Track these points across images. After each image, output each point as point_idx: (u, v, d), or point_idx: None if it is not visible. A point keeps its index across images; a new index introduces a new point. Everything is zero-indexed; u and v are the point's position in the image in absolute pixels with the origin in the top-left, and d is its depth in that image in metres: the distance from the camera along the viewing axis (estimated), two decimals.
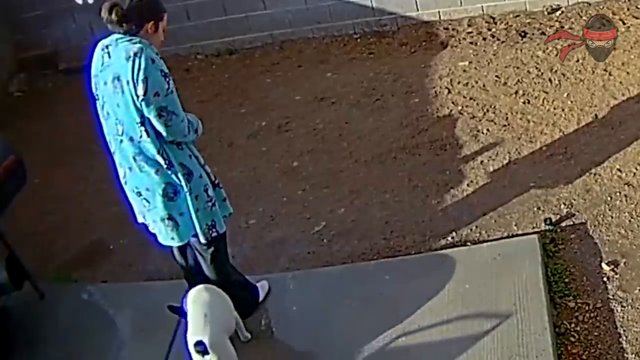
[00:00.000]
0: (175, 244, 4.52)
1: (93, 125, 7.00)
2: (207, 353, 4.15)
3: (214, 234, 4.50)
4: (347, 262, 5.18)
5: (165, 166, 4.29)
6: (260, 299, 4.93)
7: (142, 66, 4.12)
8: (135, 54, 4.13)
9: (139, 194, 4.41)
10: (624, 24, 6.58)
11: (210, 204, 4.43)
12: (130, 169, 4.37)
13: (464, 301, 4.60)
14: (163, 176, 4.32)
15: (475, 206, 5.33)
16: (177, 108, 4.23)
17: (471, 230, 5.17)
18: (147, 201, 4.40)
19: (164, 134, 4.24)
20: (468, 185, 5.52)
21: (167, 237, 4.48)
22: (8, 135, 5.89)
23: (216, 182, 4.55)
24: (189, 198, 4.35)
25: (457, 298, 4.63)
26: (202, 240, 4.48)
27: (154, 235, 4.57)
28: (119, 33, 4.23)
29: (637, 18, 6.61)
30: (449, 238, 5.16)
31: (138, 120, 4.21)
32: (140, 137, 4.25)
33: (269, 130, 6.55)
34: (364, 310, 4.73)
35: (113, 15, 4.16)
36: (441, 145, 5.92)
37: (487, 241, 5.05)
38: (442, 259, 4.94)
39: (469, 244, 5.07)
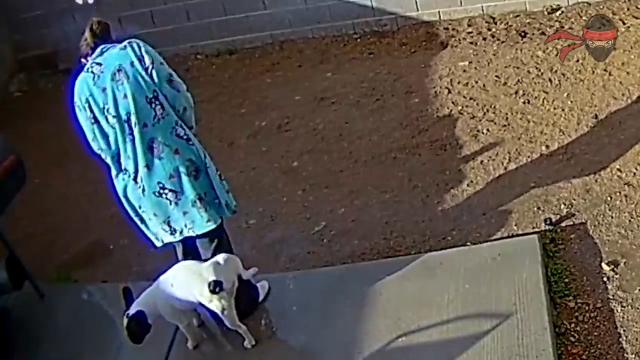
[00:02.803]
0: (212, 226, 4.52)
1: None
2: (222, 290, 4.37)
3: (235, 209, 4.61)
4: (347, 262, 5.18)
5: (185, 139, 4.40)
6: (260, 299, 4.94)
7: (141, 44, 4.34)
8: (129, 42, 4.36)
9: (163, 188, 4.41)
10: (624, 24, 6.58)
11: (223, 181, 4.58)
12: (147, 166, 4.38)
13: (464, 301, 4.60)
14: (184, 152, 4.39)
15: (475, 206, 5.34)
16: (179, 77, 4.42)
17: (471, 230, 5.17)
18: (174, 192, 4.42)
19: (179, 99, 4.39)
20: (468, 185, 5.52)
21: (202, 222, 4.49)
22: (8, 135, 5.89)
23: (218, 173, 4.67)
24: (210, 173, 4.46)
25: (457, 298, 4.63)
26: (228, 214, 4.57)
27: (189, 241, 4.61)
28: (100, 45, 4.45)
29: (637, 18, 6.61)
30: (449, 238, 5.16)
31: (150, 95, 4.31)
32: (155, 116, 4.32)
33: (269, 130, 6.55)
34: (364, 310, 4.73)
35: (98, 31, 4.48)
36: (441, 145, 5.92)
37: (487, 241, 5.05)
38: (442, 259, 4.94)
39: (469, 244, 5.07)
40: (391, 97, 6.55)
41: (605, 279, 4.66)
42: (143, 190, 4.43)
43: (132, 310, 4.46)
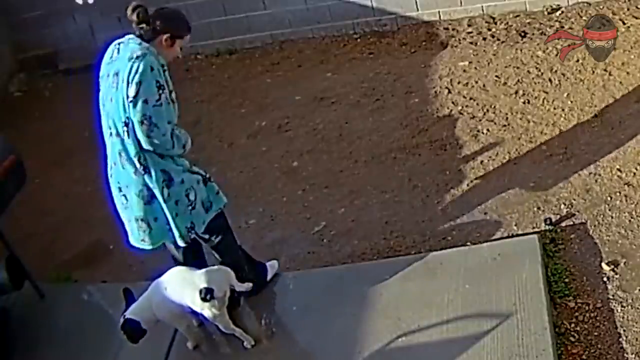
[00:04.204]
0: (145, 247, 4.55)
1: (93, 125, 7.04)
2: (213, 299, 4.38)
3: (192, 236, 4.55)
4: (347, 262, 5.18)
5: (141, 171, 4.34)
6: (268, 278, 4.99)
7: (140, 70, 4.18)
8: (137, 57, 4.22)
9: (120, 189, 4.48)
10: (624, 24, 6.58)
11: (190, 207, 4.46)
12: (115, 163, 4.43)
13: (464, 301, 4.60)
14: (140, 179, 4.37)
15: (475, 206, 5.34)
16: (161, 121, 4.24)
17: (471, 230, 5.17)
18: (125, 198, 4.47)
19: (142, 142, 4.27)
20: (468, 185, 5.52)
21: (137, 238, 4.53)
22: (8, 135, 5.89)
23: (207, 176, 4.58)
24: (165, 206, 4.39)
25: (457, 298, 4.63)
26: (181, 243, 4.53)
27: (126, 234, 4.61)
28: (135, 34, 4.32)
29: (637, 18, 6.60)
30: (449, 238, 5.16)
31: (124, 119, 4.26)
32: (125, 135, 4.30)
33: (269, 130, 6.55)
34: (364, 310, 4.73)
35: (134, 16, 4.27)
36: (441, 145, 5.92)
37: (487, 241, 5.05)
38: (442, 259, 4.94)
39: (469, 244, 5.07)
40: (391, 97, 6.55)
41: (605, 279, 4.66)
42: (111, 176, 4.52)
43: (128, 315, 4.49)
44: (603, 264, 4.74)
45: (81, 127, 7.07)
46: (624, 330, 4.36)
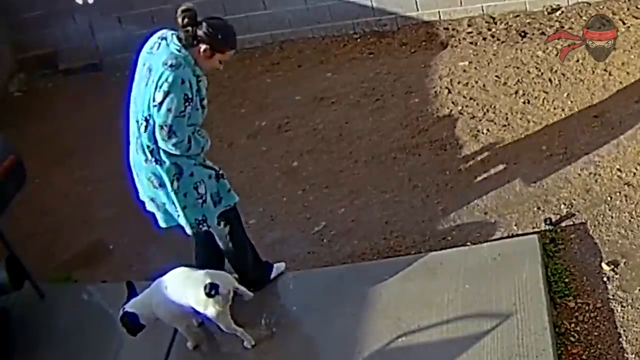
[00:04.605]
0: (163, 225, 4.68)
1: (93, 125, 7.06)
2: (218, 294, 4.40)
3: (204, 228, 4.60)
4: (347, 262, 5.18)
5: (152, 161, 4.42)
6: (272, 276, 5.03)
7: (170, 81, 4.23)
8: (171, 65, 4.24)
9: (134, 166, 4.57)
10: (624, 24, 6.58)
11: (200, 200, 4.52)
12: (131, 143, 4.52)
13: (464, 301, 4.60)
14: (150, 167, 4.45)
15: (475, 206, 5.34)
16: (181, 130, 4.30)
17: (471, 230, 5.17)
18: (137, 177, 4.59)
19: (159, 142, 4.34)
20: (468, 185, 5.52)
21: (158, 216, 4.67)
22: (8, 135, 5.89)
23: (220, 172, 4.62)
24: (174, 197, 4.47)
25: (457, 298, 4.63)
26: (189, 232, 4.60)
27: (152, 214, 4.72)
28: (178, 36, 4.33)
29: (637, 18, 6.60)
30: (449, 238, 5.16)
31: (146, 114, 4.32)
32: (141, 129, 4.37)
33: (269, 130, 6.54)
34: (364, 310, 4.73)
35: (180, 19, 4.32)
36: (441, 145, 5.92)
37: (487, 241, 5.05)
38: (442, 259, 4.94)
39: (469, 244, 5.07)
40: (391, 97, 6.55)
41: (605, 279, 4.66)
42: (130, 156, 4.61)
43: (127, 308, 4.51)
44: (603, 264, 4.74)
45: (81, 127, 7.09)
46: (624, 330, 4.37)
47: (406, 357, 4.43)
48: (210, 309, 4.45)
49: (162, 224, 4.68)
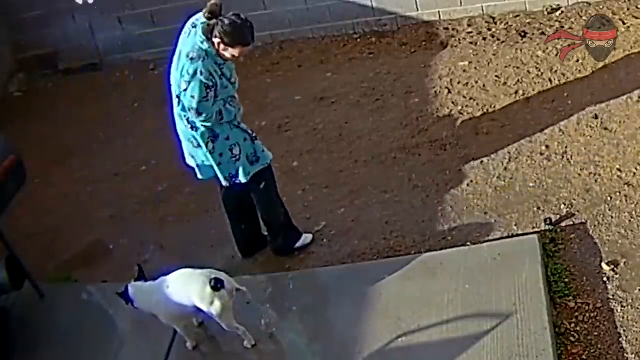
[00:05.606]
0: (200, 177, 5.10)
1: (93, 124, 7.06)
2: (223, 288, 4.45)
3: (237, 181, 4.99)
4: (347, 262, 5.18)
5: (189, 127, 4.86)
6: (297, 245, 5.27)
7: (190, 72, 4.66)
8: (191, 59, 4.68)
9: (176, 126, 4.99)
10: (624, 24, 6.58)
11: (234, 159, 4.93)
12: (175, 113, 4.93)
13: (464, 301, 4.60)
14: (188, 131, 4.90)
15: (475, 206, 5.34)
16: (207, 110, 4.73)
17: (471, 230, 5.17)
18: (179, 137, 5.04)
19: (190, 117, 4.81)
20: (468, 185, 5.52)
21: (197, 170, 5.09)
22: (8, 135, 5.88)
23: (253, 135, 5.04)
24: (210, 156, 4.90)
25: (457, 298, 4.63)
26: (224, 184, 5.01)
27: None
28: (204, 27, 4.67)
29: (637, 18, 6.60)
30: (449, 238, 5.17)
31: (177, 93, 4.80)
32: (175, 101, 4.86)
33: (269, 130, 6.54)
34: (364, 310, 4.73)
35: (204, 13, 4.67)
36: (441, 145, 5.92)
37: (487, 241, 5.05)
38: (442, 259, 4.94)
39: (469, 244, 5.07)
40: (391, 97, 6.55)
41: (605, 279, 4.66)
42: (174, 121, 5.05)
43: (130, 286, 4.61)
44: (603, 264, 4.74)
45: (81, 126, 7.09)
46: (624, 330, 4.37)
47: (406, 357, 4.43)
48: (215, 304, 4.45)
49: (200, 176, 5.09)
